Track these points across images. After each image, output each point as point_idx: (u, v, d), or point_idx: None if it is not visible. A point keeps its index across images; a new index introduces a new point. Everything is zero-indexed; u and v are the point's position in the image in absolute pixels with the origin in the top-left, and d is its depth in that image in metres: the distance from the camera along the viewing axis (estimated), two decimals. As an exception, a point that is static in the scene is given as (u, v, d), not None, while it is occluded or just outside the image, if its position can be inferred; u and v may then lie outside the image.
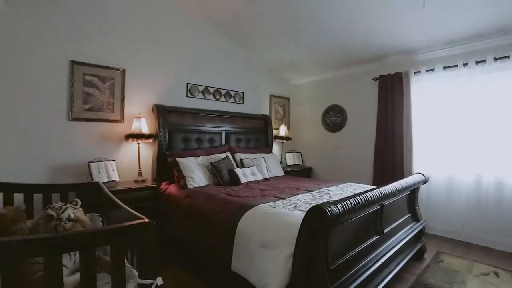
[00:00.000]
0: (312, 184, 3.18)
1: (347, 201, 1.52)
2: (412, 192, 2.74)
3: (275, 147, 4.85)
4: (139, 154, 3.13)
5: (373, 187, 2.41)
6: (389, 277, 2.05)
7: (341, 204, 1.46)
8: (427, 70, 3.51)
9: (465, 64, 3.21)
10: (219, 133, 3.88)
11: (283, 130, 4.78)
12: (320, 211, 1.35)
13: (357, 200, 1.61)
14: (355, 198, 1.60)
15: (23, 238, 0.90)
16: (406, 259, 2.38)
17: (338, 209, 1.41)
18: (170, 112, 3.39)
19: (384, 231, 2.17)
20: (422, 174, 2.77)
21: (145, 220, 1.03)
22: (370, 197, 1.73)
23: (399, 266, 2.24)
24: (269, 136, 4.52)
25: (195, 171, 3.04)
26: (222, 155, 3.48)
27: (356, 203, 1.58)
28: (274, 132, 4.77)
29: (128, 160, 3.17)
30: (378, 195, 1.83)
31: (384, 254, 2.05)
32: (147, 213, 2.85)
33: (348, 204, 1.51)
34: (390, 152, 3.80)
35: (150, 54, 3.34)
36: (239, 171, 3.21)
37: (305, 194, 2.61)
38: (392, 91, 3.79)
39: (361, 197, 1.65)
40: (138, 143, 3.11)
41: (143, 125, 3.08)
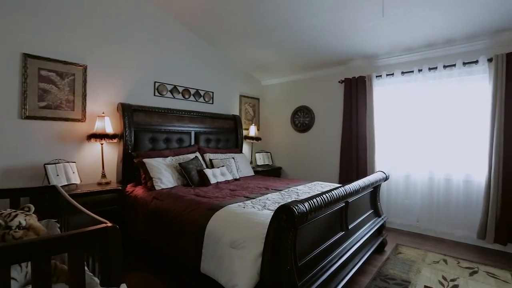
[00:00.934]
0: (281, 184, 3.24)
1: (314, 200, 1.58)
2: (374, 189, 2.91)
3: (245, 147, 4.87)
4: (102, 155, 2.97)
5: (338, 185, 2.53)
6: (353, 270, 2.15)
7: (308, 202, 1.51)
8: (387, 75, 3.75)
9: (419, 70, 3.47)
10: (188, 133, 3.81)
11: (253, 130, 4.81)
12: (287, 210, 1.39)
13: (323, 198, 1.67)
14: (321, 197, 1.67)
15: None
16: (368, 252, 2.52)
17: (305, 207, 1.46)
18: (137, 111, 3.26)
19: (349, 227, 2.28)
20: (383, 172, 2.95)
21: (108, 224, 0.99)
22: (336, 195, 1.81)
23: (363, 259, 2.37)
24: (239, 136, 4.53)
25: (163, 172, 2.95)
26: (191, 156, 3.42)
27: (322, 201, 1.64)
28: (244, 132, 4.79)
29: (90, 161, 3.00)
30: (343, 193, 1.93)
31: (348, 249, 2.16)
32: (112, 217, 2.72)
33: (315, 203, 1.56)
34: (355, 151, 3.99)
35: (115, 50, 3.18)
36: (208, 172, 3.18)
37: (274, 194, 2.66)
38: (356, 94, 3.99)
39: (327, 195, 1.72)
40: (102, 144, 2.95)
41: (107, 124, 2.92)
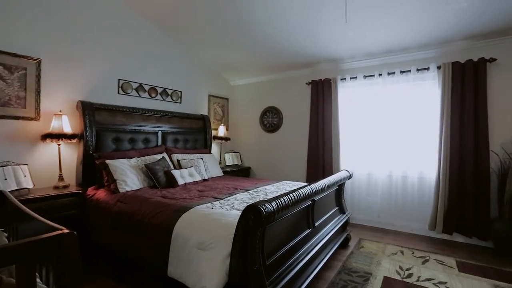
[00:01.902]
0: (250, 184, 3.27)
1: (281, 199, 1.62)
2: (339, 187, 3.04)
3: (214, 148, 4.83)
4: (60, 156, 2.76)
5: (305, 184, 2.61)
6: (319, 266, 2.24)
7: (275, 202, 1.55)
8: (351, 78, 3.94)
9: (380, 75, 3.71)
10: (155, 133, 3.69)
11: (222, 131, 4.79)
12: (255, 210, 1.41)
13: (290, 197, 1.72)
14: (288, 196, 1.71)
15: None
16: (334, 248, 2.64)
17: (272, 207, 1.49)
18: (99, 109, 3.09)
19: (315, 224, 2.36)
20: (347, 171, 3.10)
21: (64, 231, 0.92)
22: (302, 194, 1.87)
23: (328, 255, 2.47)
24: (207, 137, 4.48)
25: (127, 174, 2.83)
26: (158, 156, 3.32)
27: (289, 200, 1.69)
28: (213, 133, 4.75)
29: (45, 163, 2.77)
30: (309, 192, 1.99)
31: (315, 246, 2.23)
32: (70, 223, 2.57)
33: (282, 202, 1.60)
34: (321, 151, 4.15)
35: (74, 44, 2.97)
36: (176, 173, 3.11)
37: (243, 194, 2.67)
38: (323, 95, 4.15)
39: (294, 194, 1.77)
40: (59, 144, 2.75)
41: (65, 123, 2.73)
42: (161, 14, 3.47)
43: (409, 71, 3.50)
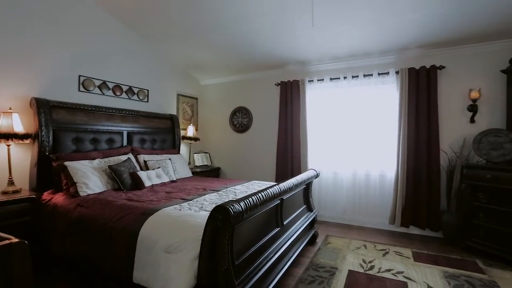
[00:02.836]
0: (219, 184, 3.25)
1: (250, 199, 1.63)
2: (307, 186, 3.14)
3: (183, 148, 4.73)
4: (9, 158, 2.52)
5: (274, 183, 2.65)
6: (288, 263, 2.30)
7: (243, 202, 1.56)
8: (318, 80, 4.09)
9: (345, 77, 3.88)
10: (120, 133, 3.52)
11: (191, 131, 4.70)
12: (223, 210, 1.41)
13: (259, 196, 1.74)
14: (257, 195, 1.73)
15: None
16: (302, 245, 2.72)
17: (240, 207, 1.50)
18: (57, 107, 2.87)
19: (284, 223, 2.42)
20: (315, 170, 3.21)
21: (13, 240, 0.85)
22: (271, 193, 1.91)
23: (297, 252, 2.54)
24: (176, 137, 4.37)
25: (89, 176, 2.67)
26: (123, 157, 3.17)
27: (258, 199, 1.71)
28: (182, 133, 4.65)
29: (-8, 166, 2.53)
30: (277, 191, 2.03)
31: (284, 244, 2.28)
32: (22, 232, 2.38)
33: (250, 201, 1.62)
34: (290, 151, 4.25)
35: (27, 36, 2.73)
36: (142, 174, 3.00)
37: (212, 194, 2.65)
38: (291, 96, 4.24)
39: (262, 194, 1.80)
40: (8, 145, 2.51)
41: (16, 122, 2.51)
42: (126, 10, 3.32)
43: (371, 75, 3.72)
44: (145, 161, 3.39)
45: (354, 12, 2.86)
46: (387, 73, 3.62)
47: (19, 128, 2.52)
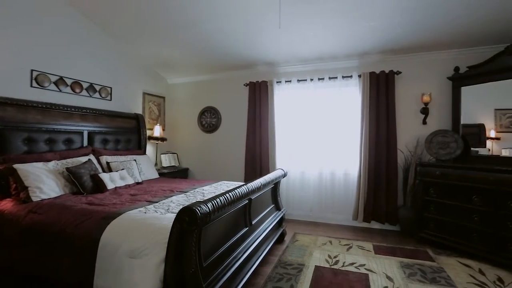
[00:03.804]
0: (187, 185, 3.19)
1: (217, 199, 1.62)
2: (275, 185, 3.20)
3: (149, 148, 4.56)
4: None
5: (242, 183, 2.67)
6: (257, 262, 2.32)
7: (211, 202, 1.55)
8: (286, 81, 4.18)
9: (311, 79, 4.02)
10: (80, 133, 3.31)
11: (158, 131, 4.55)
12: (190, 212, 1.39)
13: (227, 197, 1.74)
14: (225, 196, 1.73)
15: None
16: (270, 244, 2.76)
17: (208, 207, 1.49)
18: (4, 104, 2.62)
19: (252, 223, 2.43)
20: (282, 169, 3.28)
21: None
22: (239, 193, 1.91)
23: (265, 251, 2.57)
24: (142, 137, 4.21)
25: (43, 180, 2.47)
26: (83, 159, 2.98)
27: (226, 200, 1.71)
28: (148, 133, 4.48)
29: None
30: (245, 191, 2.04)
31: (252, 243, 2.30)
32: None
33: (218, 202, 1.61)
34: (258, 151, 4.29)
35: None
36: (105, 176, 2.85)
37: (179, 196, 2.60)
38: (260, 97, 4.29)
39: (230, 194, 1.79)
40: None
41: (-46, 121, 2.25)
42: (88, 1, 3.13)
43: (336, 77, 3.88)
44: (107, 163, 3.22)
45: (321, 15, 2.97)
46: (351, 77, 3.80)
47: (-42, 127, 2.26)
